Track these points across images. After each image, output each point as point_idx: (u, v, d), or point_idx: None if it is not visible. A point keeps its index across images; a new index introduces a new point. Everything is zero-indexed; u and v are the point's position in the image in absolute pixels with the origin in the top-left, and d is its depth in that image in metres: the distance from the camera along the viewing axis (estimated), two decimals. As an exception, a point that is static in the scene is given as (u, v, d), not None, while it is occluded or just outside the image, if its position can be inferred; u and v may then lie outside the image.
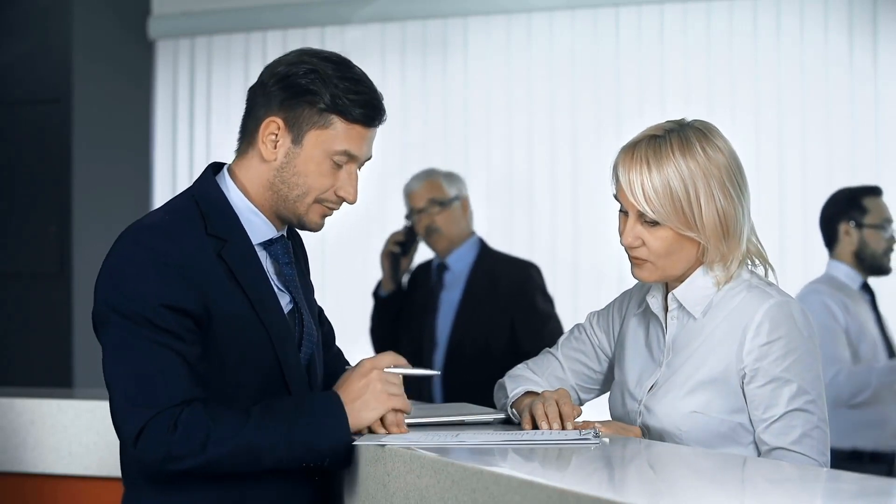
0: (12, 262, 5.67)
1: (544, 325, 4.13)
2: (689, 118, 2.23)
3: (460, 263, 4.20)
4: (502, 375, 2.40)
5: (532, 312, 4.13)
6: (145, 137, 5.93)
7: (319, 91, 2.09)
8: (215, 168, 2.20)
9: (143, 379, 2.01)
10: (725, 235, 2.16)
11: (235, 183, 2.16)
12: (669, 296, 2.24)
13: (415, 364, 4.57)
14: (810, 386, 2.14)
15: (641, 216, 2.17)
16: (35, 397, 3.37)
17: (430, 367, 4.14)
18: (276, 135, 2.11)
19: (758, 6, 5.21)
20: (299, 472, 2.15)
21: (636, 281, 2.31)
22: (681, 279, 2.22)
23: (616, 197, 2.20)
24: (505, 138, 5.48)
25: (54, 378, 5.47)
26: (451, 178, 4.25)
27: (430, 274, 4.27)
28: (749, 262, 2.23)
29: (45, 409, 3.29)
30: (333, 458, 2.06)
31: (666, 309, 2.25)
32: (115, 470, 2.64)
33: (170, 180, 5.92)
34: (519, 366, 2.44)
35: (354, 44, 5.64)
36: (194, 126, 5.92)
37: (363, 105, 2.11)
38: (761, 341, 2.13)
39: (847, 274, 4.16)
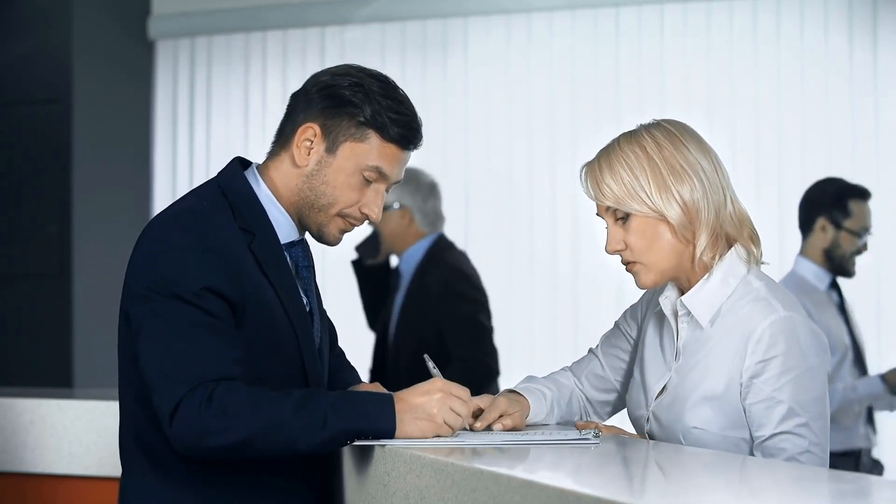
0: (12, 262, 5.67)
1: (469, 329, 3.98)
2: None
3: (407, 267, 4.10)
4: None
5: (456, 318, 3.97)
6: (145, 137, 5.93)
7: (361, 104, 2.12)
8: (242, 163, 2.20)
9: (179, 356, 1.98)
10: (687, 214, 2.16)
11: (265, 181, 2.16)
12: (678, 302, 2.23)
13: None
14: (804, 408, 2.10)
15: (614, 215, 2.20)
16: (35, 397, 3.36)
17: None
18: (312, 141, 2.13)
19: (758, 6, 5.21)
20: (302, 481, 2.15)
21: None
22: (689, 283, 2.21)
23: (598, 214, 2.24)
24: (505, 139, 5.47)
25: (54, 378, 5.47)
26: (401, 185, 4.03)
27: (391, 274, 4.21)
28: (744, 251, 2.20)
29: (45, 409, 3.29)
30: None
31: (677, 313, 2.25)
32: (115, 470, 2.64)
33: (170, 180, 5.92)
34: (559, 370, 2.44)
35: (354, 44, 5.65)
36: (194, 126, 5.92)
37: (402, 125, 2.14)
38: (757, 358, 2.11)
39: (815, 273, 4.08)
